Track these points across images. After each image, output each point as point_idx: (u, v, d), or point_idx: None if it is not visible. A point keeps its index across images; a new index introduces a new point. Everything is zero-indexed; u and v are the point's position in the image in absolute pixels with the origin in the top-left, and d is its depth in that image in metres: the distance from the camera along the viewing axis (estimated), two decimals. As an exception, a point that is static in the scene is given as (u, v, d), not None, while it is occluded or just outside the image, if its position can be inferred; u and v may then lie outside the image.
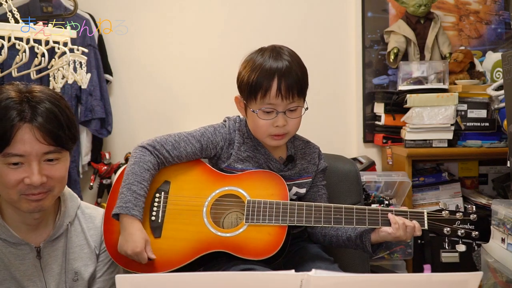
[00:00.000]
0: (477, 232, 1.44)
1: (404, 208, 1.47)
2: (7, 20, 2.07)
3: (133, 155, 1.52)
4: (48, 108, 1.29)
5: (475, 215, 1.45)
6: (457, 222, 1.46)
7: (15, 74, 2.03)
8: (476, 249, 1.46)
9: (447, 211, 1.46)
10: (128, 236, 1.41)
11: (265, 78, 1.47)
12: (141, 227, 1.44)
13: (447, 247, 1.46)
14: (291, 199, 1.57)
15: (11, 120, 1.25)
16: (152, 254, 1.43)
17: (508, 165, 2.09)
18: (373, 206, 2.41)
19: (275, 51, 1.52)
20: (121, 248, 1.42)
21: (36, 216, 1.37)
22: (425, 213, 1.46)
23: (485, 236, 1.45)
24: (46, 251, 1.39)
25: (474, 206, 1.48)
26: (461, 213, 1.46)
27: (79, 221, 1.48)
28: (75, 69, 2.30)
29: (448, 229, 1.45)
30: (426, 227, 1.45)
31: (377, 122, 2.97)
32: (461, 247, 1.45)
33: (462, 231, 1.45)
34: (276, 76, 1.46)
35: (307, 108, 1.54)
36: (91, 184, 2.84)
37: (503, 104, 2.42)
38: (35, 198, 1.31)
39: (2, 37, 1.93)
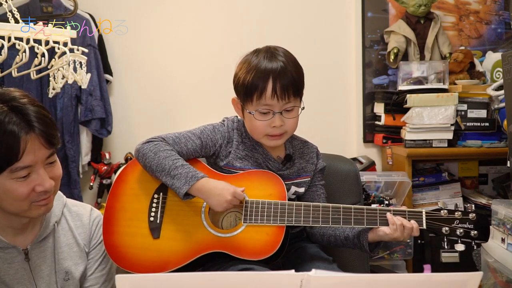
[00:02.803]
0: (476, 232, 1.43)
1: (403, 208, 1.47)
2: (7, 20, 2.06)
3: (145, 150, 1.50)
4: (36, 111, 1.25)
5: (474, 214, 1.44)
6: (456, 222, 1.45)
7: (15, 74, 2.02)
8: (475, 248, 1.45)
9: (445, 211, 1.46)
10: (214, 190, 1.43)
11: (260, 80, 1.46)
12: (213, 179, 1.46)
13: (446, 247, 1.45)
14: (290, 199, 1.57)
15: (15, 135, 1.20)
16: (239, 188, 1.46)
17: (508, 165, 2.09)
18: (373, 206, 2.41)
19: (270, 52, 1.51)
20: (219, 201, 1.42)
21: (24, 220, 1.34)
22: (424, 213, 1.46)
23: (485, 235, 1.44)
24: (34, 252, 1.36)
25: (473, 205, 1.47)
26: (460, 213, 1.45)
27: (66, 219, 1.45)
28: (75, 69, 2.29)
29: (447, 228, 1.44)
30: (424, 226, 1.45)
31: (377, 122, 2.97)
32: (460, 247, 1.44)
33: (461, 230, 1.44)
34: (270, 77, 1.46)
35: (303, 108, 1.54)
36: (91, 184, 2.85)
37: (503, 104, 2.42)
38: (45, 203, 1.30)
39: (2, 37, 1.92)
